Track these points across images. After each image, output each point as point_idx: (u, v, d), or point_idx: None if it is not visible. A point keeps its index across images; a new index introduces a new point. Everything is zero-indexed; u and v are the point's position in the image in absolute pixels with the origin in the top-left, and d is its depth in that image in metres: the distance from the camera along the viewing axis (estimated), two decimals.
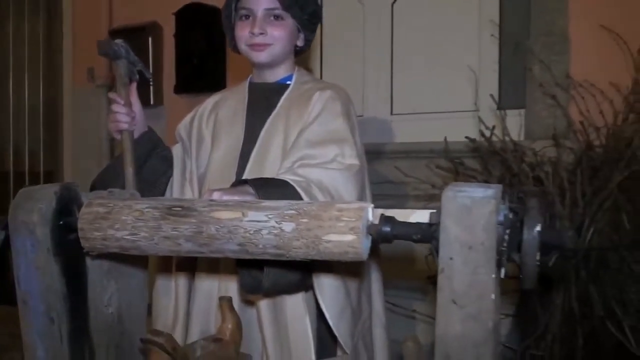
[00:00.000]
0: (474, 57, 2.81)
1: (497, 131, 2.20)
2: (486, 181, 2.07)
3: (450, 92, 2.84)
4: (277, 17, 1.58)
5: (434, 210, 1.02)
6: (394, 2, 3.06)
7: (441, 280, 1.00)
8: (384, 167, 2.82)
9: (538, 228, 0.97)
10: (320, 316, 1.43)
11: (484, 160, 2.11)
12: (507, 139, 2.13)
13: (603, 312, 1.79)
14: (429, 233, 1.04)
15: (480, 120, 2.23)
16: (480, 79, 2.76)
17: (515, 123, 2.57)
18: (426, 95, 2.94)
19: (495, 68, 2.81)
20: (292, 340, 1.39)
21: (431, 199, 2.24)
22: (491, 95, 2.37)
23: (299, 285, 1.33)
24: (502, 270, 1.01)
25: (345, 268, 1.39)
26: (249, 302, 1.47)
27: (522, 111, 2.63)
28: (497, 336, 1.04)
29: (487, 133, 2.15)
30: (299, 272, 1.29)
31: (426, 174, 2.34)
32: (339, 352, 1.45)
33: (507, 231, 0.99)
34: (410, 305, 2.53)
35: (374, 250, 1.60)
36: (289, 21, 1.59)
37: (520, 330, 1.95)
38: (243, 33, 1.58)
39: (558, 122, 2.44)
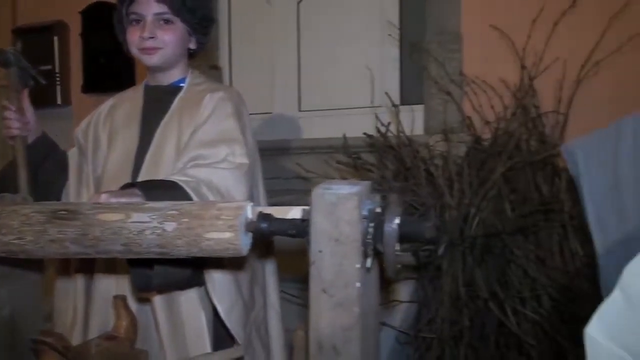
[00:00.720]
0: (376, 56, 2.92)
1: (397, 127, 2.30)
2: (382, 176, 2.17)
3: (353, 89, 2.94)
4: (167, 21, 1.62)
5: (307, 207, 1.10)
6: (300, 2, 3.13)
7: (312, 271, 1.08)
8: (292, 163, 2.90)
9: (397, 221, 1.06)
10: (217, 310, 1.49)
11: (380, 155, 2.22)
12: (402, 134, 2.23)
13: (487, 295, 1.92)
14: (302, 228, 1.11)
15: (377, 117, 2.33)
16: (381, 77, 2.87)
17: (416, 119, 2.69)
18: (332, 93, 3.03)
19: (396, 66, 2.92)
20: (187, 335, 1.45)
21: None
22: (386, 93, 2.47)
23: (190, 281, 1.39)
24: (368, 261, 1.10)
25: (236, 262, 1.45)
26: (145, 300, 1.51)
27: (421, 107, 2.75)
28: (366, 321, 1.13)
29: (384, 129, 2.24)
30: (190, 268, 1.35)
31: (329, 169, 2.43)
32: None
33: (371, 225, 1.07)
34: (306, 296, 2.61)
35: (267, 245, 1.68)
36: (179, 25, 1.64)
37: (415, 315, 2.07)
38: (133, 38, 1.62)
39: (453, 117, 2.58)
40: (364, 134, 2.32)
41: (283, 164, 2.96)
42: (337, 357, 1.08)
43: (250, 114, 3.14)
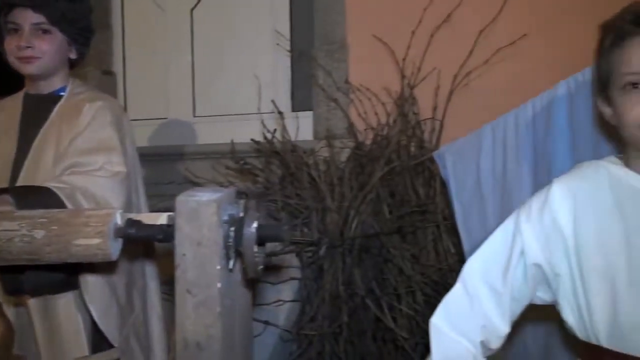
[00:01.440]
0: (267, 64, 3.00)
1: (281, 133, 2.39)
2: (267, 180, 2.26)
3: (245, 96, 3.00)
4: (45, 31, 1.65)
5: (172, 213, 1.17)
6: (193, 9, 3.17)
7: (177, 273, 1.15)
8: (186, 168, 2.94)
9: (255, 225, 1.15)
10: None
11: (266, 160, 2.30)
12: (286, 140, 2.33)
13: (364, 292, 2.04)
14: (169, 233, 1.18)
15: (262, 123, 2.42)
16: (272, 85, 2.96)
17: (305, 125, 2.80)
18: (225, 99, 3.09)
19: (287, 74, 3.01)
20: (64, 338, 1.48)
21: None
22: (272, 101, 2.56)
23: (63, 284, 1.42)
24: (231, 262, 1.18)
25: (110, 266, 1.50)
26: (21, 305, 1.53)
27: (310, 113, 2.86)
28: (230, 319, 1.21)
29: (270, 136, 2.33)
30: (63, 272, 1.38)
31: (221, 173, 2.49)
32: None
33: (232, 229, 1.15)
34: None
35: (146, 249, 1.73)
36: (58, 35, 1.66)
37: (298, 314, 2.17)
38: (11, 46, 1.63)
39: (340, 123, 2.69)
40: (251, 139, 2.40)
41: (178, 169, 2.99)
42: (201, 353, 1.16)
43: (145, 119, 3.20)
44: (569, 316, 1.23)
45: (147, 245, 1.68)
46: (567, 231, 1.21)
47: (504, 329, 1.26)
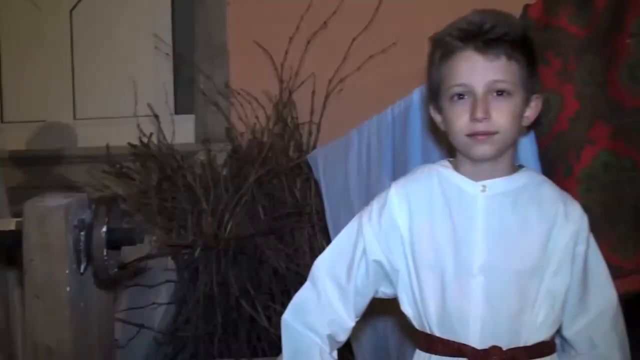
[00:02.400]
0: (150, 67, 3.01)
1: (157, 137, 2.42)
2: (142, 182, 2.28)
3: (127, 99, 2.98)
4: None
5: (21, 219, 1.19)
6: (72, 9, 3.14)
7: (26, 279, 1.17)
8: (66, 172, 2.91)
9: (104, 229, 1.19)
10: None
11: (142, 164, 2.33)
12: (162, 144, 2.36)
13: (238, 293, 2.10)
14: (18, 239, 1.20)
15: (138, 127, 2.43)
16: (154, 88, 2.96)
17: (188, 128, 2.84)
18: (106, 102, 3.08)
19: (170, 77, 3.04)
20: None
21: None
22: (149, 104, 2.58)
23: None
24: (82, 266, 1.21)
25: None
26: None
27: (192, 117, 2.89)
28: (83, 323, 1.24)
29: (146, 139, 2.36)
30: None
31: (96, 178, 2.49)
32: None
33: (82, 233, 1.19)
34: None
35: (10, 255, 1.72)
36: None
37: (173, 315, 2.21)
38: None
39: (221, 127, 2.74)
40: (128, 143, 2.42)
41: (57, 173, 2.96)
42: (51, 356, 1.19)
43: (23, 122, 3.13)
44: (407, 308, 1.34)
45: (10, 252, 1.67)
46: (403, 230, 1.31)
47: (350, 322, 1.35)
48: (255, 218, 2.25)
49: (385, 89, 2.53)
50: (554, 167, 1.42)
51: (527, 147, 1.46)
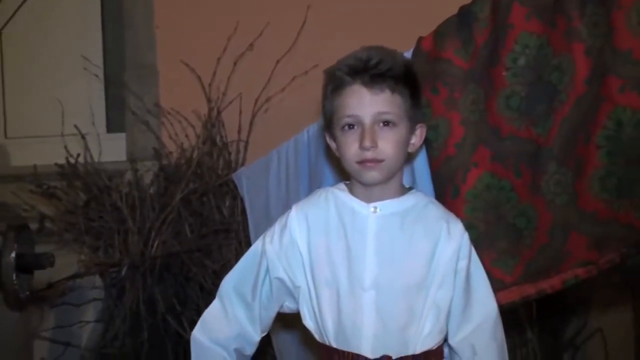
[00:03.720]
0: (82, 88, 3.05)
1: (84, 157, 2.48)
2: (71, 203, 2.34)
3: (57, 118, 3.02)
4: None
5: None
6: (2, 28, 3.16)
7: None
8: None
9: (13, 255, 1.26)
10: None
11: (69, 184, 2.39)
12: (89, 163, 2.43)
13: (164, 309, 2.18)
14: None
15: (65, 147, 2.49)
16: (86, 108, 3.01)
17: (119, 147, 2.90)
18: (38, 121, 3.11)
19: (101, 97, 3.09)
20: None
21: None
22: (75, 125, 2.63)
23: None
24: None
25: None
26: None
27: (123, 135, 2.96)
28: None
29: (73, 159, 2.42)
30: None
31: (21, 198, 2.53)
32: None
33: None
34: None
35: None
36: None
37: (101, 333, 2.27)
38: None
39: (151, 146, 2.81)
40: (55, 163, 2.47)
41: None
42: None
43: None
44: (309, 322, 1.45)
45: None
46: (302, 249, 1.42)
47: (256, 336, 1.46)
48: (181, 236, 2.32)
49: (308, 109, 2.64)
50: (444, 189, 1.55)
51: (424, 169, 1.59)
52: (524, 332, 2.49)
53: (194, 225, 2.38)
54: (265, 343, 1.94)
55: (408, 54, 1.65)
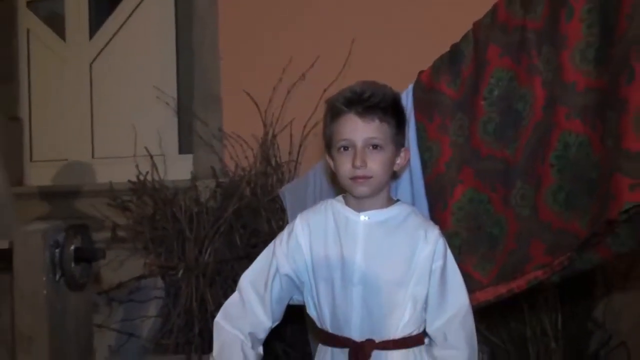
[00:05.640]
0: (160, 115, 3.47)
1: (151, 175, 2.87)
2: (141, 215, 2.73)
3: (138, 141, 3.42)
4: None
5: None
6: (92, 63, 3.65)
7: (15, 284, 1.61)
8: (84, 205, 3.37)
9: (72, 247, 1.62)
10: None
11: (139, 198, 2.79)
12: (156, 181, 2.82)
13: (214, 308, 2.51)
14: (9, 255, 1.64)
15: (137, 167, 2.89)
16: (163, 132, 3.41)
17: (187, 166, 3.29)
18: (122, 143, 3.54)
19: (175, 122, 3.51)
20: None
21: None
22: (145, 147, 3.04)
23: None
24: (57, 275, 1.64)
25: None
26: None
27: (191, 156, 3.35)
28: (59, 320, 1.67)
29: (142, 177, 2.82)
30: None
31: (98, 210, 2.95)
32: None
33: (57, 250, 1.62)
34: None
35: None
36: None
37: (160, 327, 2.63)
38: None
39: (213, 165, 3.18)
40: (128, 180, 2.88)
41: (77, 206, 3.43)
42: (31, 344, 1.62)
43: (47, 160, 3.62)
44: (312, 311, 1.74)
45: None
46: (305, 250, 1.71)
47: (268, 323, 1.75)
48: (232, 245, 2.66)
49: None
50: (436, 202, 1.81)
51: (407, 187, 1.85)
52: (549, 343, 2.64)
53: (244, 236, 2.71)
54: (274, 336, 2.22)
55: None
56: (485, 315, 2.80)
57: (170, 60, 3.55)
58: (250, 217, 2.83)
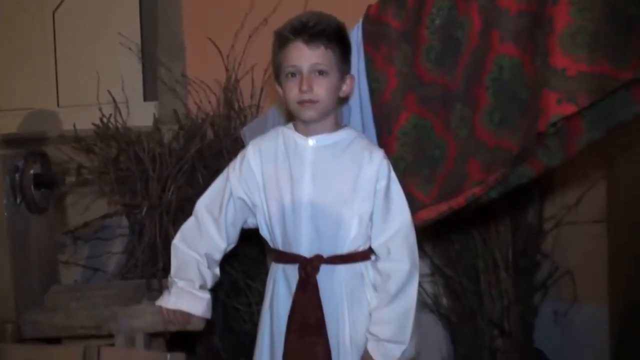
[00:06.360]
0: (125, 61, 3.50)
1: (114, 119, 2.93)
2: (106, 156, 2.80)
3: (101, 88, 3.45)
4: None
5: None
6: (55, 10, 3.66)
7: None
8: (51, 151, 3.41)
9: (32, 171, 1.69)
10: None
11: (105, 140, 2.85)
12: (119, 125, 2.88)
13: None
14: None
15: (100, 109, 2.94)
16: (128, 79, 3.45)
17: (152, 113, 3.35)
18: (85, 91, 3.57)
19: (140, 69, 3.54)
20: None
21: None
22: (108, 91, 3.08)
23: None
24: (18, 199, 1.71)
25: None
26: None
27: (156, 103, 3.40)
28: (20, 243, 1.74)
29: (107, 120, 2.88)
30: None
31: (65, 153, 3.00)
32: None
33: (17, 174, 1.69)
34: None
35: None
36: None
37: (125, 263, 2.73)
38: None
39: (180, 110, 3.24)
40: (92, 123, 2.93)
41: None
42: None
43: (11, 109, 3.65)
44: (265, 232, 1.84)
45: None
46: (257, 174, 1.81)
47: (223, 244, 1.85)
48: (195, 183, 2.74)
49: None
50: (382, 129, 1.91)
51: (357, 115, 1.95)
52: (499, 273, 2.77)
53: (206, 175, 2.78)
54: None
55: None
56: (442, 252, 2.93)
57: (134, 8, 3.57)
58: (212, 159, 2.90)
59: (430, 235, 2.88)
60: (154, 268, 2.64)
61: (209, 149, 2.92)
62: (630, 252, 2.52)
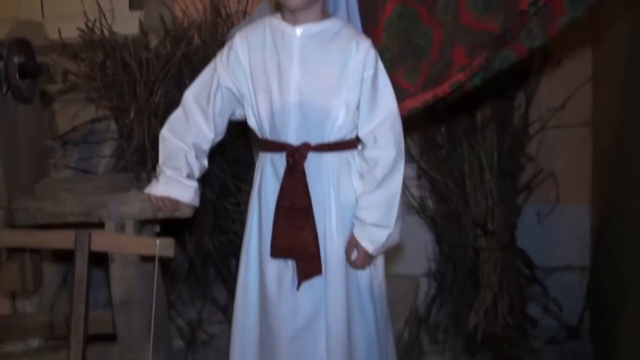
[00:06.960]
0: None
1: (100, 25, 2.89)
2: (93, 61, 2.78)
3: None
4: None
5: None
6: None
7: None
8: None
9: (16, 60, 1.68)
10: None
11: (90, 47, 2.82)
12: (105, 31, 2.84)
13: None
14: None
15: (85, 14, 2.89)
16: None
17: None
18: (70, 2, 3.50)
19: None
20: None
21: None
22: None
23: None
24: (4, 87, 1.71)
25: None
26: None
27: (142, 12, 3.35)
28: (9, 132, 1.74)
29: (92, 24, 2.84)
30: None
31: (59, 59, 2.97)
32: None
33: (2, 63, 1.68)
34: None
35: None
36: None
37: (114, 164, 2.75)
38: None
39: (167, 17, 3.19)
40: (77, 28, 2.88)
41: None
42: None
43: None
44: (252, 122, 1.85)
45: None
46: (244, 64, 1.81)
47: (210, 135, 1.87)
48: (182, 86, 2.72)
49: None
50: (367, 19, 1.90)
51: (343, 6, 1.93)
52: (484, 174, 2.81)
53: (193, 78, 2.77)
54: None
55: None
56: (429, 157, 2.96)
57: None
58: (199, 64, 2.87)
59: (418, 140, 2.92)
60: (143, 168, 2.65)
61: (196, 54, 2.90)
62: (615, 154, 2.55)
